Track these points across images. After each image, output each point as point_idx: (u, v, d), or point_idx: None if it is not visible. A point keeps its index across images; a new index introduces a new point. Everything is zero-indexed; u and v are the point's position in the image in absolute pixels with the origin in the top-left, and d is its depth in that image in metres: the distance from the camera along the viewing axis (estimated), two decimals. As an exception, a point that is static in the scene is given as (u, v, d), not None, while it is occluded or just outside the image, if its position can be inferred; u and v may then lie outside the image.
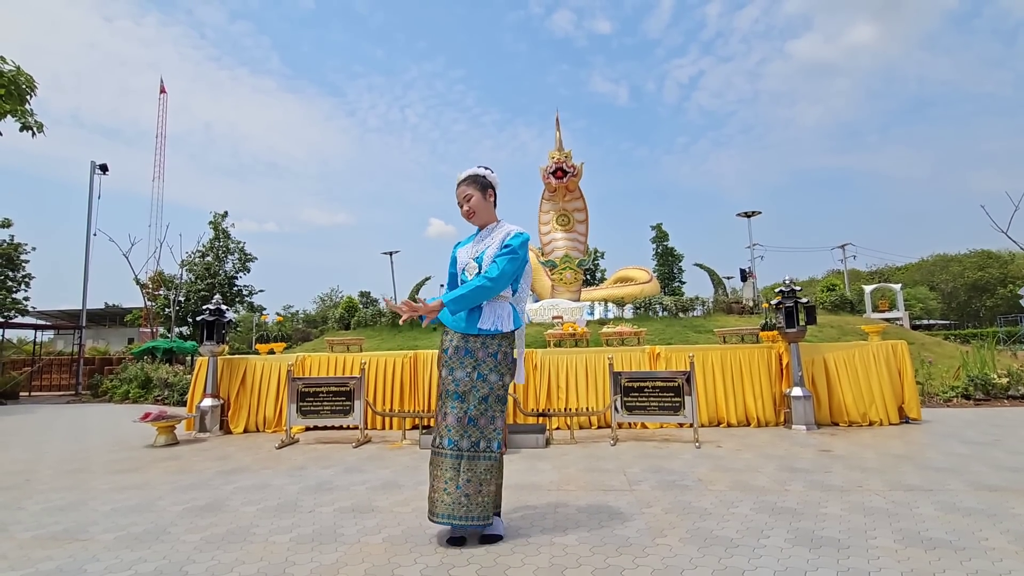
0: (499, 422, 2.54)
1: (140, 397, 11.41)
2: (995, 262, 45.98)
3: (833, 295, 15.17)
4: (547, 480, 3.66)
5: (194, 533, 2.71)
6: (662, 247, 33.99)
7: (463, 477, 2.42)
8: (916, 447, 4.50)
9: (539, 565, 2.22)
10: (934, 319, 40.85)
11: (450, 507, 2.40)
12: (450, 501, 2.40)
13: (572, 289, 14.48)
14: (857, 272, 45.91)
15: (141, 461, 4.67)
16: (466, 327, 2.55)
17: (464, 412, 2.46)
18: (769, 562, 2.19)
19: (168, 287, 22.72)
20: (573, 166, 14.08)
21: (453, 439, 2.45)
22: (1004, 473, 3.53)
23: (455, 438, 2.45)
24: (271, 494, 3.45)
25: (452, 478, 2.42)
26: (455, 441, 2.45)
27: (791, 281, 5.84)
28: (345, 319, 15.63)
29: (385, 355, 6.35)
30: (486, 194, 2.72)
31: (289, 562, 2.31)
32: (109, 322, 38.65)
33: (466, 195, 2.69)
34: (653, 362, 5.98)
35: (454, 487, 2.41)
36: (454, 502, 2.40)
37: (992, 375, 7.37)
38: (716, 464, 4.04)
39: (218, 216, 25.16)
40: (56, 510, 3.20)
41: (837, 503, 2.97)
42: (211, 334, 6.29)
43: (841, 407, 5.73)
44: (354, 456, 4.69)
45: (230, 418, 6.28)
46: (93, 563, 2.35)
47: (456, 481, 2.41)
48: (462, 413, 2.46)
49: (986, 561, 2.15)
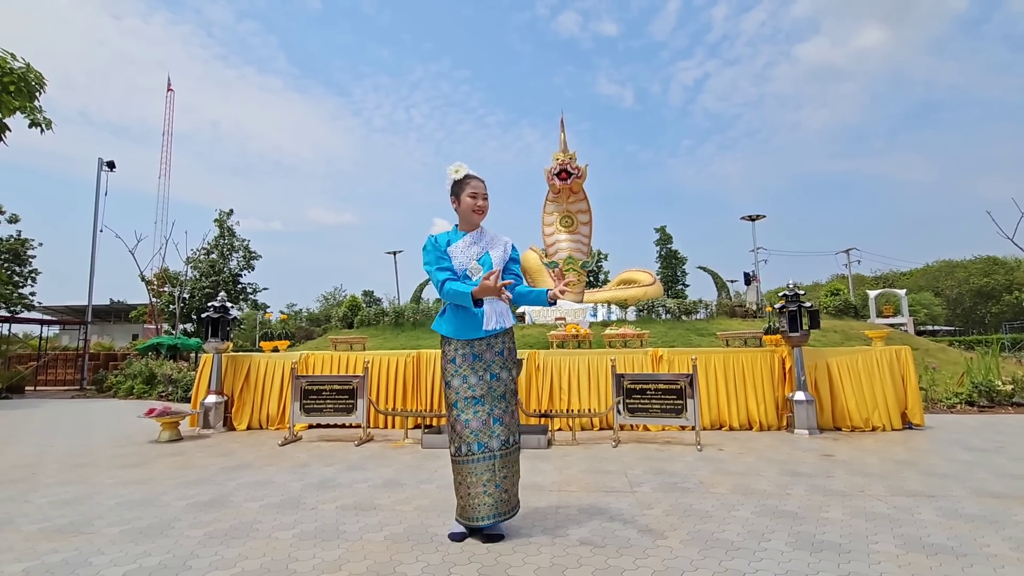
0: (516, 415, 2.64)
1: (144, 393, 11.47)
2: (1001, 268, 45.71)
3: (837, 300, 15.12)
4: (549, 481, 3.67)
5: (198, 528, 2.73)
6: (666, 249, 33.98)
7: (500, 475, 2.48)
8: (919, 453, 4.48)
9: (540, 565, 2.23)
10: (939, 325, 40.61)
11: (493, 507, 2.46)
12: (492, 502, 2.46)
13: (575, 291, 14.48)
14: (862, 277, 45.71)
15: (146, 456, 4.70)
16: (472, 333, 2.58)
17: (488, 414, 2.51)
18: (770, 565, 2.19)
19: (173, 284, 22.84)
20: (577, 168, 14.09)
21: (483, 442, 2.49)
22: (1007, 480, 3.52)
23: (484, 440, 2.49)
24: (274, 491, 3.47)
25: (490, 479, 2.46)
26: (484, 444, 2.49)
27: (795, 285, 5.83)
28: (348, 318, 15.68)
29: (388, 354, 6.37)
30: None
31: (292, 558, 2.32)
32: (114, 318, 38.84)
33: (485, 194, 2.72)
34: (655, 364, 5.98)
35: (493, 487, 2.46)
36: (496, 501, 2.46)
37: (996, 382, 7.33)
38: (718, 467, 4.04)
39: (223, 214, 25.31)
40: (62, 503, 3.23)
41: (839, 508, 2.97)
42: (216, 331, 6.33)
43: (844, 412, 5.71)
44: (356, 454, 4.71)
45: (234, 415, 6.31)
46: (98, 556, 2.37)
47: (495, 481, 2.47)
48: (486, 416, 2.50)
49: (988, 568, 2.15)
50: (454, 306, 2.65)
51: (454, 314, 2.64)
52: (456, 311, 2.64)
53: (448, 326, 2.64)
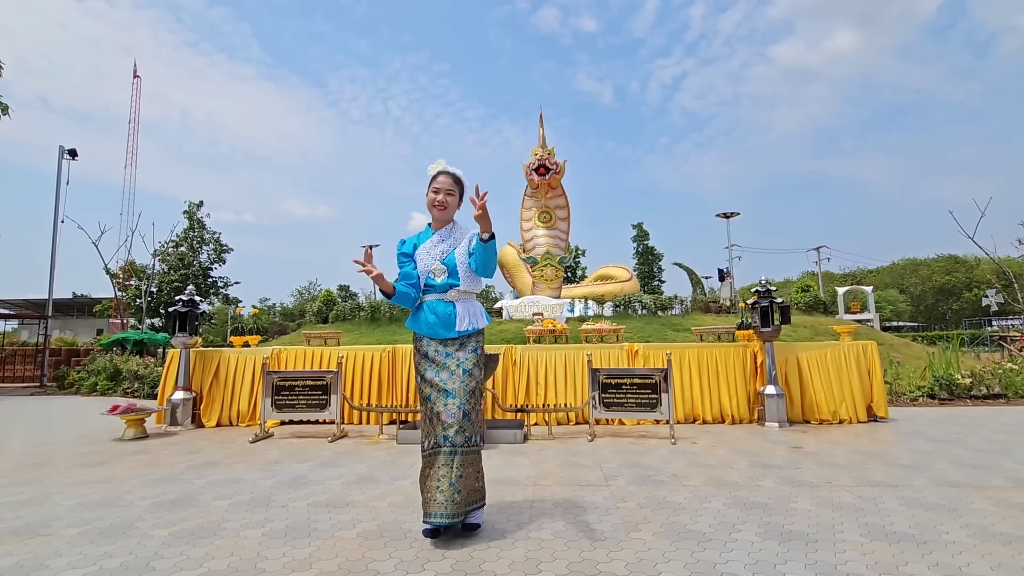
0: (481, 415, 2.59)
1: (109, 390, 11.09)
2: (961, 267, 47.51)
3: (807, 296, 15.50)
4: (524, 475, 3.67)
5: (162, 528, 2.65)
6: (642, 246, 34.32)
7: (455, 473, 2.41)
8: (883, 444, 4.63)
9: (514, 559, 2.23)
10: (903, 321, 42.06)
11: (443, 505, 2.38)
12: (443, 500, 2.38)
13: (553, 286, 14.53)
14: (831, 274, 46.96)
15: (108, 455, 4.55)
16: (444, 333, 2.57)
17: (458, 408, 2.45)
18: (740, 556, 2.23)
19: (139, 277, 22.15)
20: (556, 163, 14.11)
21: (449, 435, 2.43)
22: (965, 470, 3.65)
23: (450, 434, 2.43)
24: (243, 488, 3.39)
25: (446, 475, 2.40)
26: (450, 438, 2.43)
27: (767, 282, 5.94)
28: (323, 313, 15.45)
29: (363, 349, 6.29)
30: (460, 198, 2.73)
31: (261, 557, 2.27)
32: (77, 312, 37.51)
33: (449, 189, 2.67)
34: (631, 359, 6.04)
35: (447, 484, 2.39)
36: (447, 500, 2.38)
37: (956, 376, 7.61)
38: (691, 460, 4.09)
39: (193, 205, 24.63)
40: (18, 504, 3.09)
41: (807, 498, 3.04)
42: (184, 326, 6.15)
43: (813, 405, 5.86)
44: (330, 451, 4.64)
45: (202, 412, 6.15)
46: (56, 559, 2.28)
47: (449, 478, 2.40)
48: (455, 409, 2.45)
49: (946, 554, 2.22)
50: (426, 305, 2.64)
51: (426, 313, 2.62)
52: (428, 311, 2.62)
53: (422, 325, 2.62)
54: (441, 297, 2.63)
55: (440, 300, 2.63)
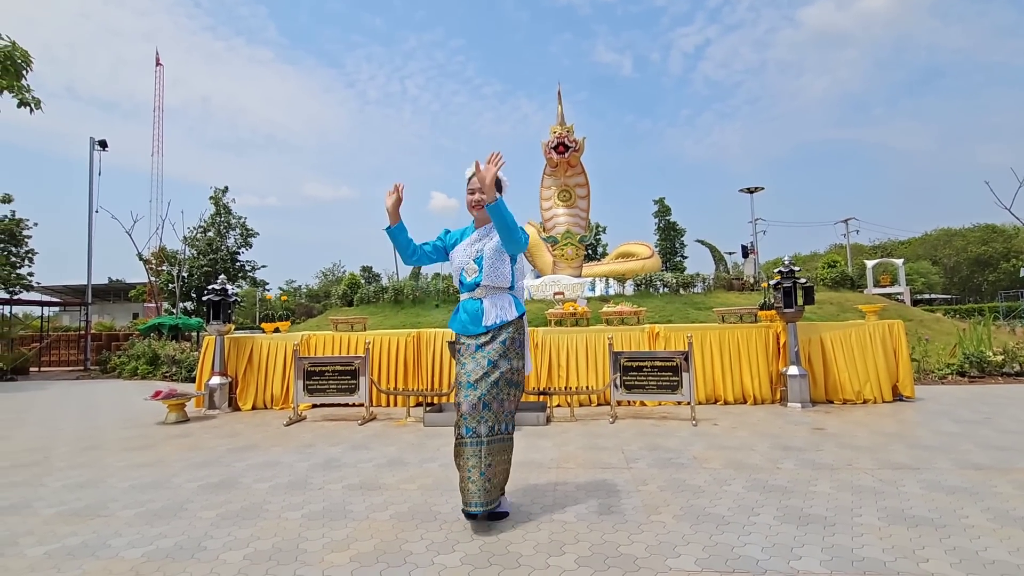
0: (509, 405, 2.62)
1: (148, 374, 11.60)
2: (999, 236, 45.74)
3: (834, 272, 15.18)
4: (547, 458, 3.79)
5: (210, 510, 2.84)
6: (664, 222, 33.83)
7: (484, 463, 2.48)
8: (907, 425, 4.61)
9: (539, 541, 2.34)
10: (936, 294, 40.85)
11: (476, 495, 2.47)
12: (475, 490, 2.47)
13: (573, 265, 14.51)
14: (860, 247, 45.74)
15: (154, 438, 4.82)
16: (474, 329, 2.67)
17: (478, 398, 2.52)
18: (758, 539, 2.30)
19: (171, 263, 22.80)
20: (575, 141, 13.94)
21: (471, 427, 2.51)
22: (991, 452, 3.63)
23: (472, 425, 2.51)
24: (282, 471, 3.58)
25: (475, 466, 2.48)
26: (473, 428, 2.51)
27: (790, 261, 5.88)
28: (348, 296, 15.73)
29: (389, 334, 6.45)
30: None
31: (302, 538, 2.43)
32: (114, 297, 38.90)
33: (480, 188, 2.71)
34: (652, 342, 6.07)
35: (478, 474, 2.47)
36: (479, 490, 2.46)
37: (988, 352, 7.46)
38: (711, 442, 4.15)
39: (218, 191, 25.08)
40: (76, 487, 3.33)
41: (826, 481, 3.08)
42: (217, 314, 6.39)
43: (836, 385, 5.84)
44: (360, 434, 4.83)
45: (238, 395, 6.43)
46: (116, 538, 2.48)
47: (479, 468, 2.48)
48: (476, 399, 2.53)
49: (964, 538, 2.26)
50: (460, 305, 2.80)
51: (460, 312, 2.77)
52: (462, 310, 2.76)
53: (457, 324, 2.78)
54: (471, 295, 2.75)
55: (470, 298, 2.75)
